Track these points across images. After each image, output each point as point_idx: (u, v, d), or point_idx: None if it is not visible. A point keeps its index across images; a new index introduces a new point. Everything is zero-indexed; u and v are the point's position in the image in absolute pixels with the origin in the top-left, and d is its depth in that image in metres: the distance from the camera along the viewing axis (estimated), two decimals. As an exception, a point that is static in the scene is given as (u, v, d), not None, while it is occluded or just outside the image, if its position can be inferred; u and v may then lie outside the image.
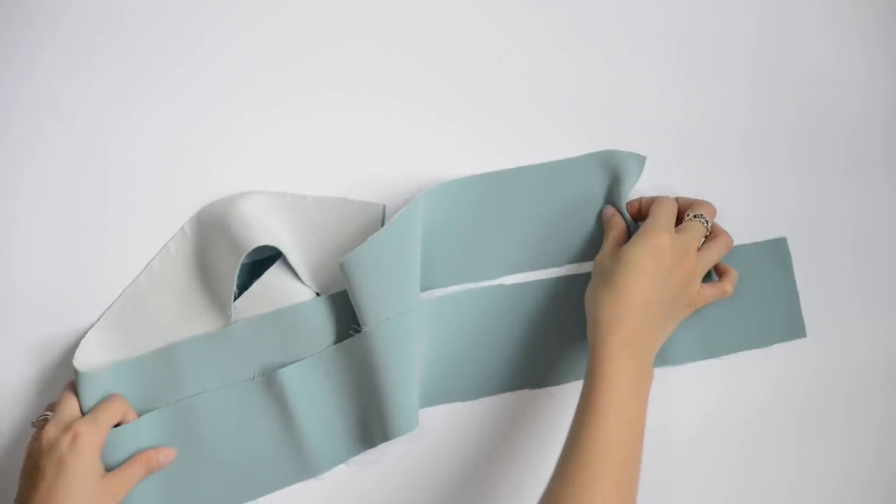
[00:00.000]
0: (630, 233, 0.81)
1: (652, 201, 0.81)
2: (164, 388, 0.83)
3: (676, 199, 0.82)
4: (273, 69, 0.87)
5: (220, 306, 0.83)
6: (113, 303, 0.85)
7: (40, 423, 0.79)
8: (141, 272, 0.85)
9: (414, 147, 0.86)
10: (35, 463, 0.76)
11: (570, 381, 0.84)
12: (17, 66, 0.87)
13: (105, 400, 0.80)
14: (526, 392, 0.85)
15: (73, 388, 0.81)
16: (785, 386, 0.83)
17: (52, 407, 0.81)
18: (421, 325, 0.82)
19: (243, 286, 0.84)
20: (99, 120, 0.87)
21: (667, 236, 0.77)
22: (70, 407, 0.79)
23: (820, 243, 0.83)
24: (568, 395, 0.84)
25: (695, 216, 0.79)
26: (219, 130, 0.87)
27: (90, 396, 0.81)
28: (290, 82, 0.87)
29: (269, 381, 0.82)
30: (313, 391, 0.83)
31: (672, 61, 0.86)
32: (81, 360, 0.82)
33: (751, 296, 0.83)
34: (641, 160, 0.84)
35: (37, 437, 0.78)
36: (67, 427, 0.77)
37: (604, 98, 0.86)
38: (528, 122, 0.86)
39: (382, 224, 0.84)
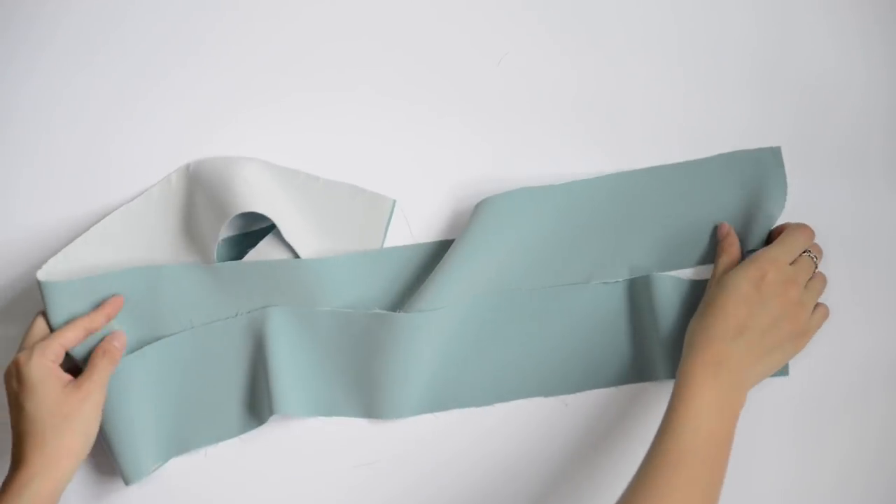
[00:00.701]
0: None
1: (786, 228, 0.81)
2: (142, 308, 0.83)
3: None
4: (272, 68, 0.87)
5: (206, 250, 0.84)
6: (99, 222, 0.84)
7: None
8: (138, 195, 0.85)
9: (414, 146, 0.86)
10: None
11: (583, 390, 0.84)
12: (18, 66, 0.87)
13: (61, 327, 0.80)
14: (538, 400, 0.85)
15: (31, 326, 0.81)
16: (785, 386, 0.83)
17: None
18: (440, 327, 0.82)
19: (228, 257, 0.85)
20: (100, 120, 0.87)
21: (771, 267, 0.77)
22: (23, 345, 0.80)
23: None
24: (581, 405, 0.85)
25: (807, 253, 0.80)
26: (219, 129, 0.87)
27: (59, 307, 0.81)
28: (289, 81, 0.87)
29: (253, 320, 0.83)
30: (295, 341, 0.83)
31: (672, 62, 0.86)
32: (48, 272, 0.82)
33: None
34: (776, 153, 0.83)
35: None
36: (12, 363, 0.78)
37: (604, 98, 0.86)
38: (527, 122, 0.86)
39: (390, 218, 0.84)
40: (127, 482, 0.83)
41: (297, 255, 0.83)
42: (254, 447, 0.86)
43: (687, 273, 0.84)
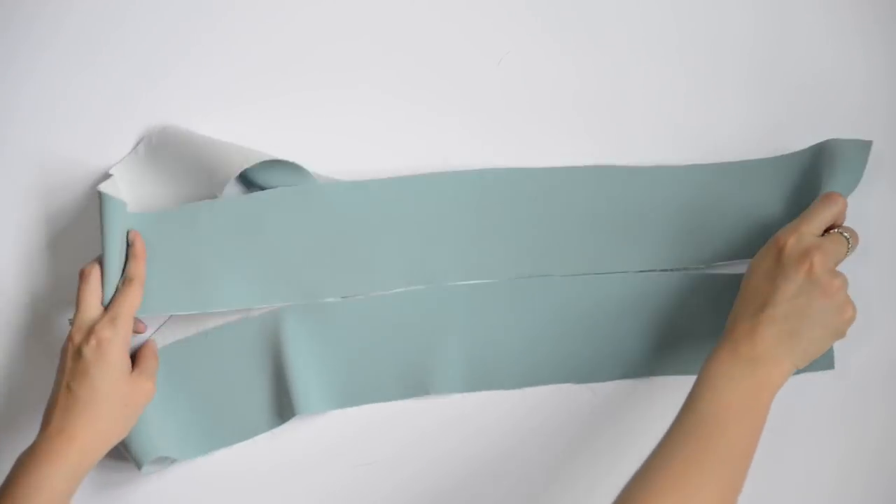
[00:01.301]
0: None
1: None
2: (166, 250, 0.83)
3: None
4: (272, 67, 0.87)
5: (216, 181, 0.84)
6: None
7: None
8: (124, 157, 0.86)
9: (413, 146, 0.86)
10: (62, 368, 0.78)
11: (612, 379, 0.84)
12: (19, 66, 0.87)
13: (119, 293, 0.80)
14: (543, 396, 0.85)
15: (88, 278, 0.80)
16: (784, 386, 0.83)
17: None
18: (469, 305, 0.84)
19: None
20: (101, 119, 0.87)
21: (789, 237, 0.75)
22: (88, 304, 0.80)
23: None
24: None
25: (840, 231, 0.77)
26: (219, 128, 0.87)
27: (114, 226, 0.81)
28: (289, 80, 0.87)
29: (265, 322, 0.84)
30: (313, 338, 0.84)
31: (672, 61, 0.86)
32: (109, 188, 0.83)
33: None
34: (863, 148, 0.81)
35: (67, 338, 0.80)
36: (90, 331, 0.78)
37: (604, 98, 0.86)
38: (527, 122, 0.86)
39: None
40: (139, 465, 0.83)
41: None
42: (253, 447, 0.86)
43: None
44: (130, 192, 0.84)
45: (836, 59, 0.85)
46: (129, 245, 0.82)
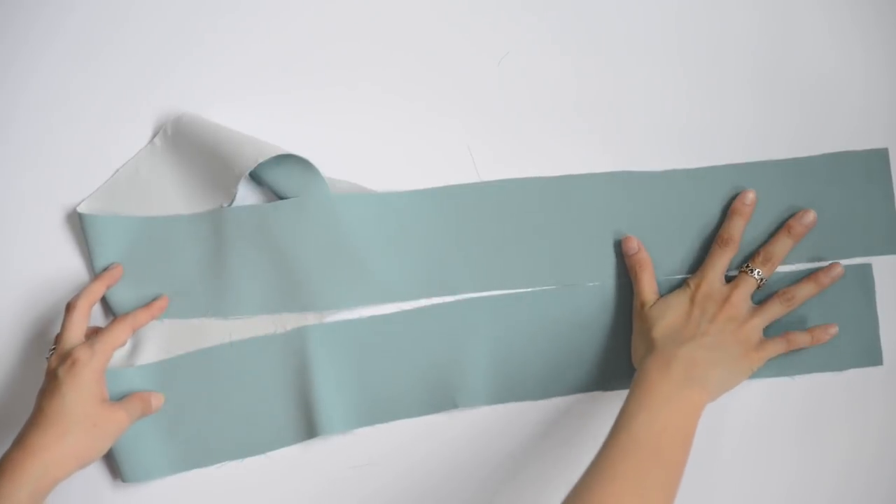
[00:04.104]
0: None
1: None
2: (161, 257, 0.84)
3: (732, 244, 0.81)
4: (272, 68, 0.87)
5: (227, 185, 0.83)
6: (119, 169, 0.86)
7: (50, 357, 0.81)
8: (142, 148, 0.86)
9: (414, 145, 0.86)
10: (39, 391, 0.79)
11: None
12: (19, 66, 0.87)
13: (108, 326, 0.81)
14: (597, 394, 0.85)
15: (73, 311, 0.81)
16: (785, 385, 0.83)
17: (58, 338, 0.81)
18: (492, 317, 0.84)
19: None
20: (102, 120, 0.87)
21: (701, 286, 0.80)
22: (71, 334, 0.80)
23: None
24: (587, 407, 0.85)
25: (747, 268, 0.81)
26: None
27: (99, 243, 0.83)
28: (290, 80, 0.87)
29: (292, 336, 0.84)
30: (339, 357, 0.84)
31: (673, 62, 0.86)
32: (88, 207, 0.84)
33: (830, 319, 0.82)
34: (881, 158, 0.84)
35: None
36: (67, 354, 0.79)
37: (604, 98, 0.86)
38: (527, 122, 0.86)
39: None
40: (125, 479, 0.83)
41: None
42: (254, 447, 0.86)
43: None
44: (151, 183, 0.85)
45: (838, 62, 0.85)
46: None
